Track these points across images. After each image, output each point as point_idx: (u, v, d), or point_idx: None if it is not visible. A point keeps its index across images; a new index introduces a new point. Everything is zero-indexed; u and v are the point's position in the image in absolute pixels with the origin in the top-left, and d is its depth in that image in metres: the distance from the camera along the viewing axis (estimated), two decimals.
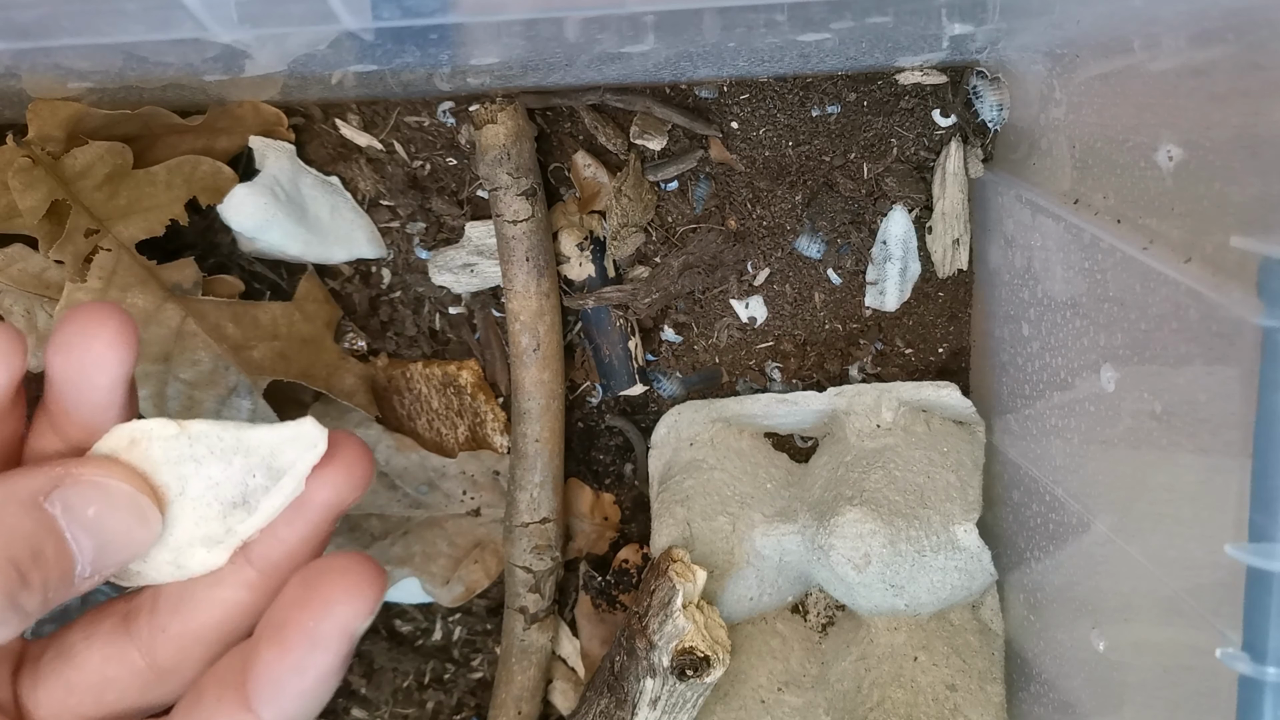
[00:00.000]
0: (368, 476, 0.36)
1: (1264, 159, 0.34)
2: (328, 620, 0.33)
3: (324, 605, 0.33)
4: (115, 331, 0.34)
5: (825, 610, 0.63)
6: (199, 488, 0.33)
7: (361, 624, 0.33)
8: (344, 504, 0.36)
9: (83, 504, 0.32)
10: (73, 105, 0.53)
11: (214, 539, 0.34)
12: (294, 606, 0.33)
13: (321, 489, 0.35)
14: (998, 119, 0.58)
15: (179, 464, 0.33)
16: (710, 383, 0.64)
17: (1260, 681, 0.34)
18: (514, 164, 0.56)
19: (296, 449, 0.33)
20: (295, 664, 0.33)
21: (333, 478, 0.35)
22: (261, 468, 0.33)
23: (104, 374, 0.34)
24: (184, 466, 0.33)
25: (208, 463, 0.33)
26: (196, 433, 0.33)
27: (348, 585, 0.33)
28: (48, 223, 0.53)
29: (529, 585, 0.60)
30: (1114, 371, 0.45)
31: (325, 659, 0.33)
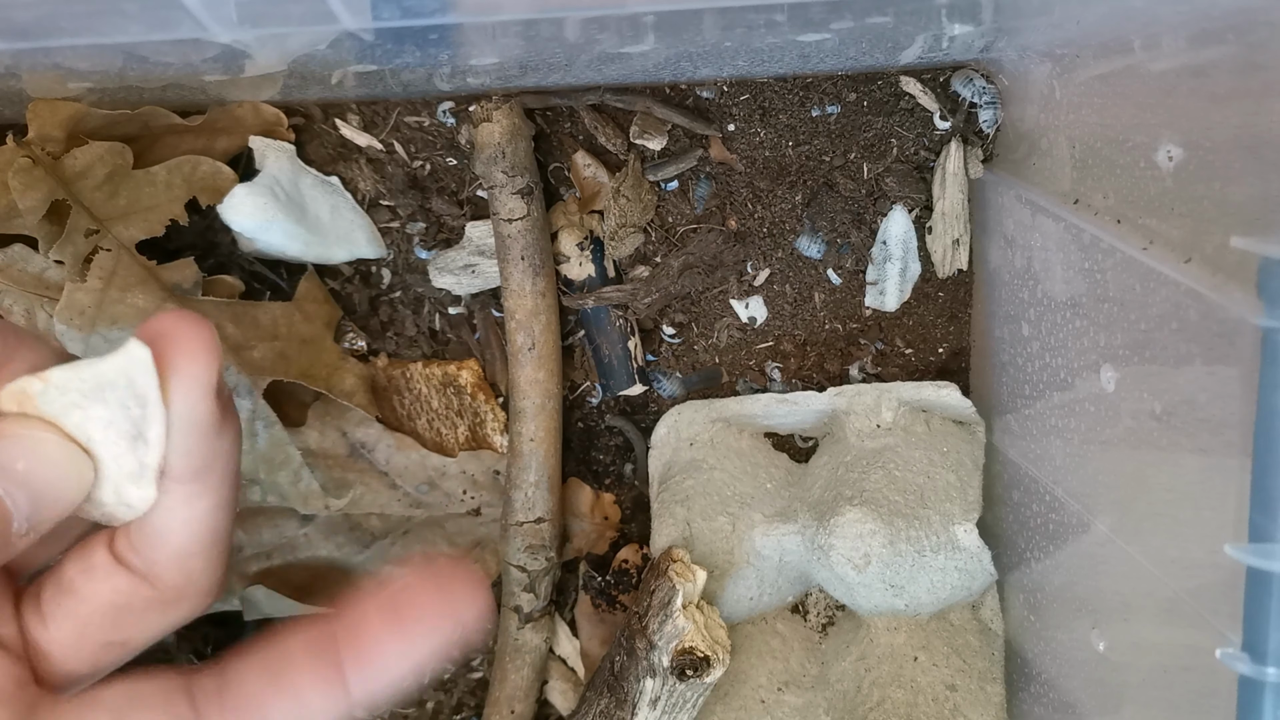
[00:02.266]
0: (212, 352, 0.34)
1: (1264, 159, 0.34)
2: (447, 612, 0.33)
3: (447, 598, 0.33)
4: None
5: (825, 610, 0.63)
6: (99, 430, 0.33)
7: (472, 624, 0.34)
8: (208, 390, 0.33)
9: (11, 459, 0.31)
10: (73, 105, 0.53)
11: (135, 475, 0.33)
12: (418, 594, 0.33)
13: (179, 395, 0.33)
14: (993, 121, 0.58)
15: (68, 414, 0.33)
16: (710, 383, 0.64)
17: (1260, 681, 0.34)
18: (509, 162, 0.56)
19: (140, 371, 0.32)
20: (404, 647, 0.33)
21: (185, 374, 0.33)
22: (131, 397, 0.32)
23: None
24: (73, 415, 0.33)
25: (89, 405, 0.33)
26: (60, 381, 0.33)
27: (469, 586, 0.33)
28: (48, 223, 0.53)
29: (523, 585, 0.60)
30: (1114, 371, 0.45)
31: (432, 647, 0.33)
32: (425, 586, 0.33)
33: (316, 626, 0.34)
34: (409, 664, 0.33)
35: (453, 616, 0.33)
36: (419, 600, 0.33)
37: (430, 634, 0.33)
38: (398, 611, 0.33)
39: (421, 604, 0.33)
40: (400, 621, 0.33)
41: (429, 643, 0.33)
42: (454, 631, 0.33)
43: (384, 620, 0.32)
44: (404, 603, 0.33)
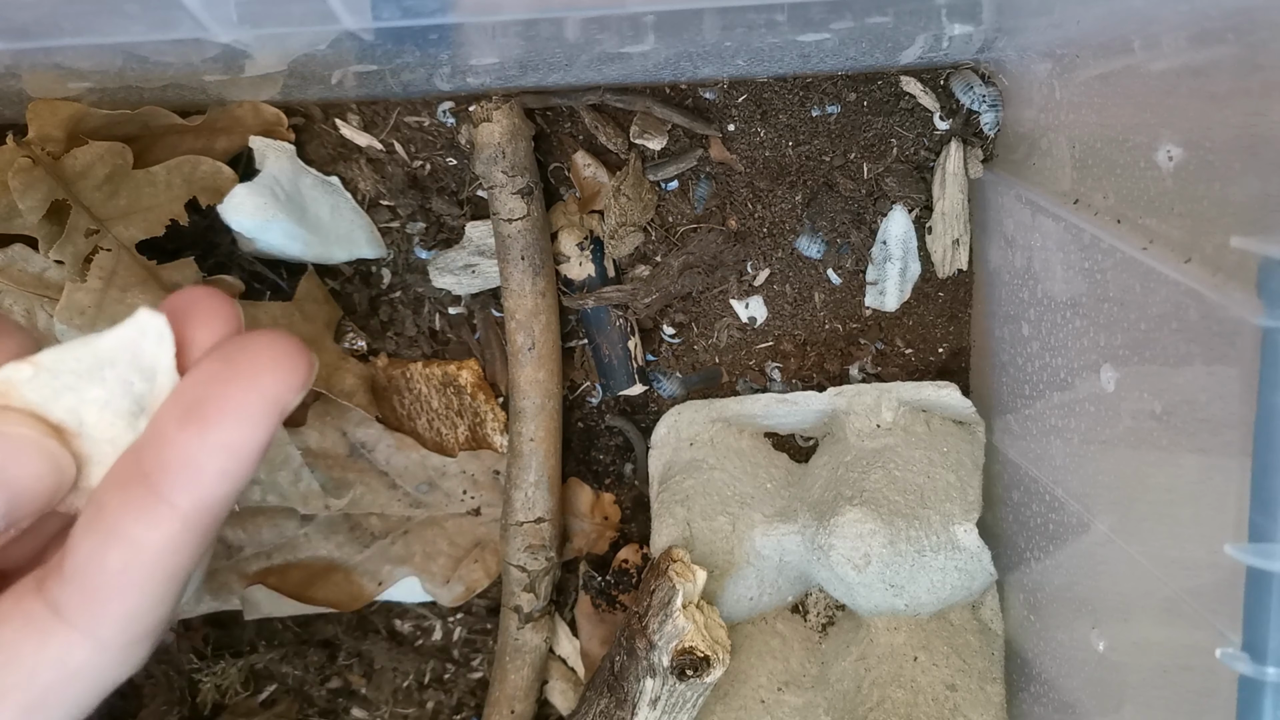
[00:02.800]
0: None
1: (1264, 159, 0.34)
2: (254, 395, 0.29)
3: (252, 378, 0.29)
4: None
5: (825, 610, 0.63)
6: (93, 414, 0.31)
7: (291, 402, 0.30)
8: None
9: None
10: (73, 105, 0.53)
11: None
12: (213, 382, 0.29)
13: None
14: (994, 124, 0.58)
15: (58, 398, 0.31)
16: (710, 383, 0.64)
17: (1260, 681, 0.34)
18: (509, 162, 0.56)
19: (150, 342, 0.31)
20: (218, 441, 0.29)
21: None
22: (134, 371, 0.31)
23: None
24: (64, 399, 0.31)
25: (84, 387, 0.31)
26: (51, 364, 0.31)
27: (276, 355, 0.30)
28: (48, 223, 0.53)
29: (523, 585, 0.60)
30: (1114, 371, 0.45)
31: (252, 434, 0.29)
32: (222, 372, 0.29)
33: (120, 462, 0.31)
34: (226, 461, 0.29)
35: (260, 396, 0.29)
36: (218, 391, 0.29)
37: (239, 424, 0.29)
38: (195, 410, 0.29)
39: (222, 393, 0.29)
40: (202, 419, 0.29)
41: (241, 432, 0.29)
42: (267, 412, 0.29)
43: (181, 424, 0.29)
44: (201, 399, 0.29)
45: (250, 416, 0.29)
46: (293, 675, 0.65)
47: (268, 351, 0.30)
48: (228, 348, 0.30)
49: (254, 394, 0.29)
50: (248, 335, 0.31)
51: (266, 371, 0.29)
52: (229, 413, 0.29)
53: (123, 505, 0.29)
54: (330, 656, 0.65)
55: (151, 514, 0.29)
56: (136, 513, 0.29)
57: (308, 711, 0.65)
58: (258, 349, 0.30)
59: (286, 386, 0.30)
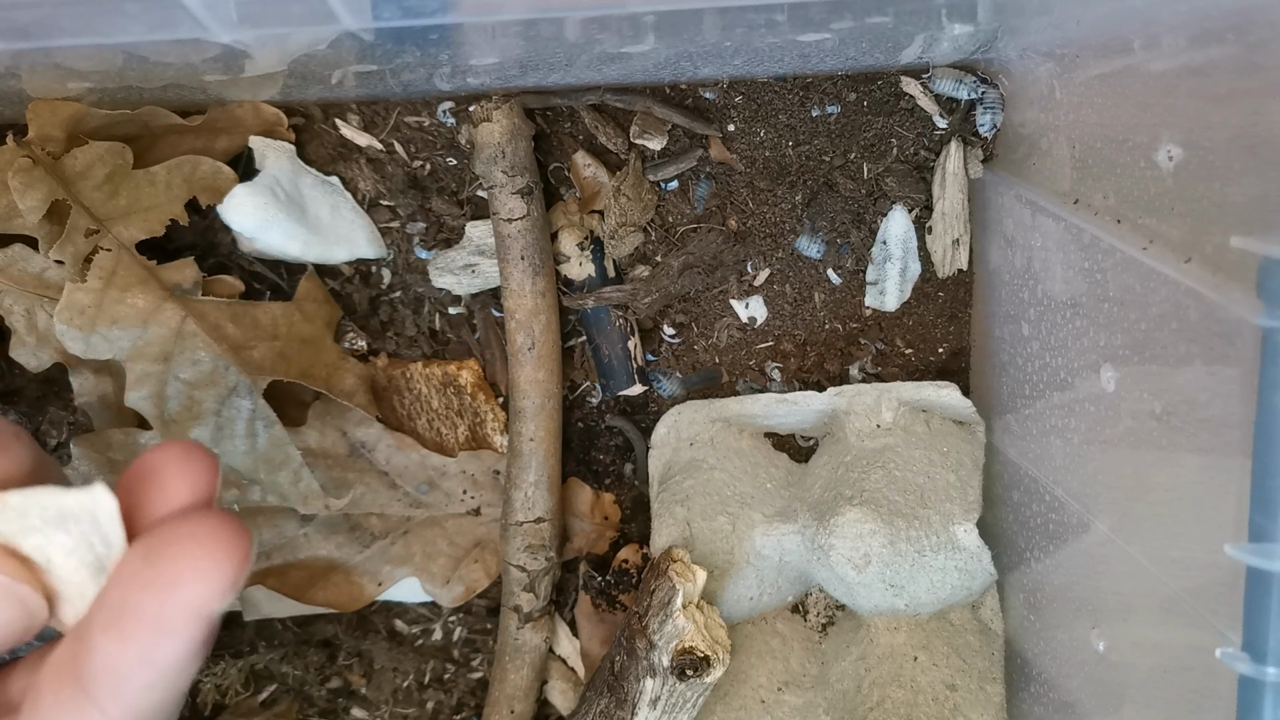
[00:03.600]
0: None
1: (1264, 159, 0.34)
2: (174, 603, 0.27)
3: (170, 586, 0.27)
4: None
5: (825, 610, 0.63)
6: (60, 556, 0.30)
7: (219, 604, 0.28)
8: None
9: None
10: (73, 105, 0.53)
11: None
12: (133, 586, 0.27)
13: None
14: (990, 126, 0.58)
15: (27, 534, 0.30)
16: (710, 383, 0.64)
17: (1260, 681, 0.34)
18: (509, 162, 0.56)
19: (103, 515, 0.30)
20: (139, 655, 0.27)
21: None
22: (94, 533, 0.30)
23: None
24: (32, 537, 0.30)
25: (51, 532, 0.30)
26: (18, 505, 0.30)
27: (199, 557, 0.27)
28: (48, 223, 0.53)
29: (523, 584, 0.60)
30: (1114, 371, 0.45)
31: (174, 647, 0.28)
32: (142, 573, 0.28)
33: (58, 653, 0.30)
34: (149, 672, 0.28)
35: (181, 606, 0.27)
36: (136, 597, 0.27)
37: (158, 635, 0.27)
38: (116, 617, 0.28)
39: (139, 601, 0.27)
40: (120, 628, 0.27)
41: (162, 644, 0.27)
42: (189, 621, 0.27)
43: (104, 630, 0.28)
44: (121, 603, 0.28)
45: (170, 628, 0.27)
46: (293, 675, 0.65)
47: (192, 549, 0.27)
48: (153, 541, 0.28)
49: (173, 603, 0.27)
50: (177, 524, 0.28)
51: (188, 576, 0.27)
52: (147, 624, 0.27)
53: (55, 702, 0.29)
54: (330, 656, 0.65)
55: (80, 717, 0.28)
56: (67, 714, 0.28)
57: (308, 711, 0.65)
58: (182, 545, 0.28)
59: (210, 591, 0.27)
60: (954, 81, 0.58)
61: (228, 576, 0.28)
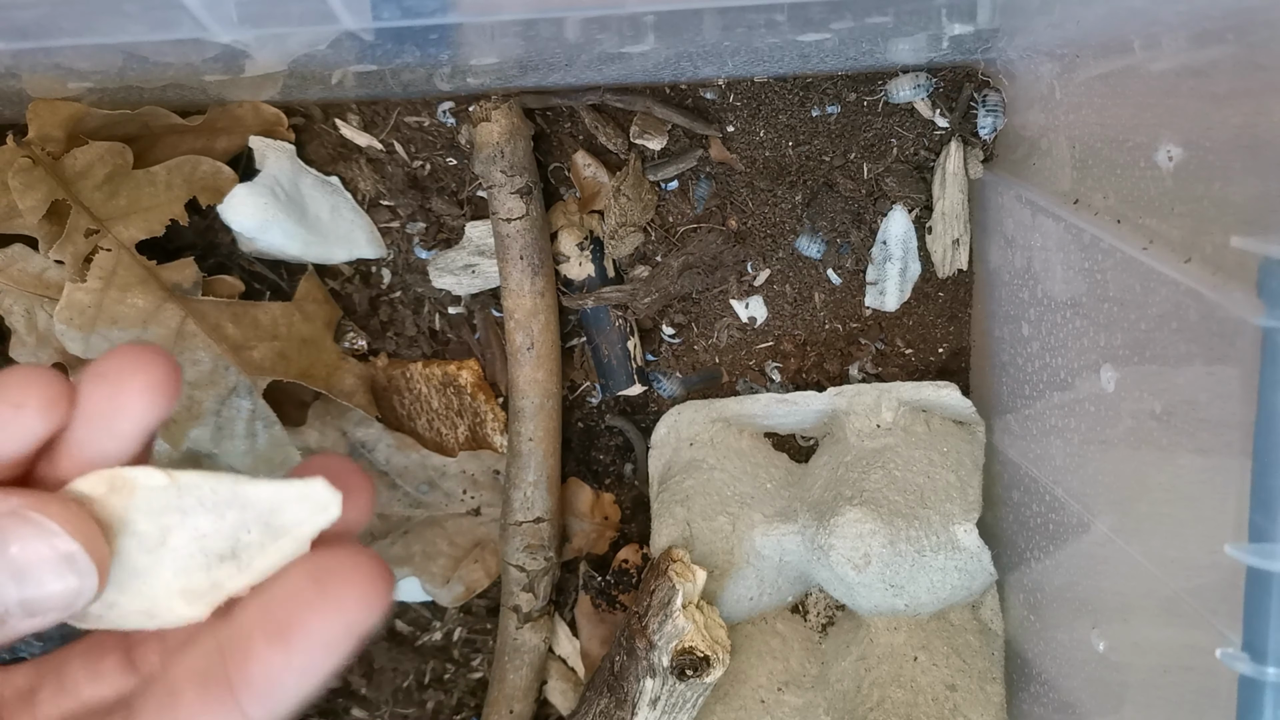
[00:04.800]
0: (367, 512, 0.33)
1: (1264, 159, 0.34)
2: (339, 623, 0.30)
3: (336, 607, 0.30)
4: (155, 380, 0.31)
5: (825, 610, 0.63)
6: (183, 539, 0.31)
7: (371, 626, 0.31)
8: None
9: (6, 543, 0.29)
10: (73, 105, 0.53)
11: (196, 593, 0.32)
12: (300, 605, 0.31)
13: None
14: (991, 129, 0.58)
15: (162, 514, 0.31)
16: (710, 383, 0.64)
17: (1260, 681, 0.34)
18: (508, 162, 0.56)
19: (303, 510, 0.31)
20: (299, 666, 0.30)
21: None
22: (258, 524, 0.31)
23: (128, 421, 0.32)
24: (167, 517, 0.31)
25: (196, 514, 0.31)
26: (187, 484, 0.31)
27: (361, 585, 0.31)
28: (48, 223, 0.53)
29: (522, 584, 0.60)
30: (1114, 371, 0.45)
31: (330, 661, 0.31)
32: (310, 594, 0.31)
33: (201, 646, 0.32)
34: (303, 682, 0.31)
35: (344, 626, 0.30)
36: (305, 615, 0.30)
37: (320, 650, 0.30)
38: (283, 630, 0.30)
39: (308, 619, 0.30)
40: (287, 641, 0.30)
41: (321, 658, 0.30)
42: (347, 639, 0.31)
43: (269, 641, 0.30)
44: (289, 619, 0.30)
45: (332, 643, 0.30)
46: None
47: (355, 577, 0.31)
48: (318, 566, 0.31)
49: (339, 623, 0.30)
50: (338, 555, 0.32)
51: (353, 600, 0.31)
52: (313, 638, 0.30)
53: (201, 704, 0.31)
54: None
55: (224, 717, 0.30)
56: (214, 716, 0.31)
57: (307, 711, 0.65)
58: (347, 573, 0.31)
59: (368, 615, 0.31)
60: (911, 87, 0.58)
61: (382, 603, 0.31)
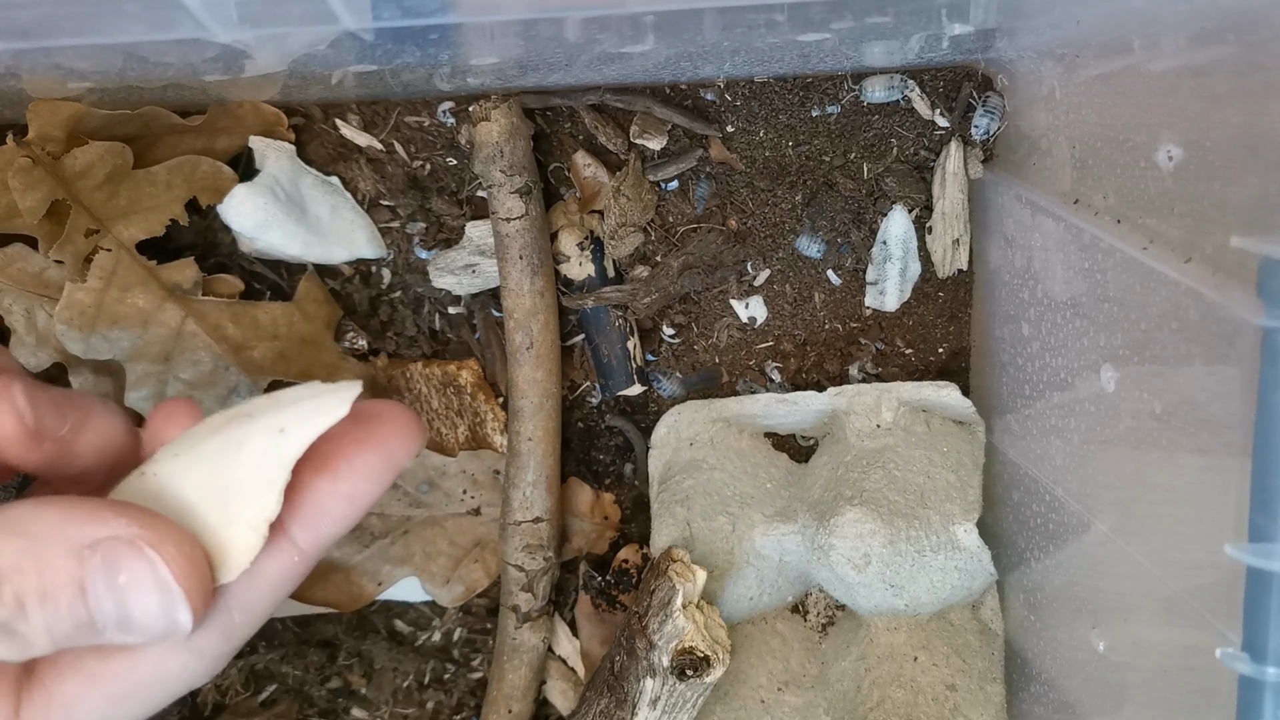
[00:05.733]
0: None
1: (1264, 159, 0.34)
2: (380, 455, 0.34)
3: (379, 441, 0.34)
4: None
5: (825, 610, 0.63)
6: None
7: (408, 462, 0.35)
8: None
9: (116, 569, 0.30)
10: (73, 105, 0.53)
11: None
12: (346, 440, 0.33)
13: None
14: (985, 130, 0.58)
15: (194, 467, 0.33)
16: (710, 383, 0.64)
17: (1260, 681, 0.34)
18: (507, 161, 0.56)
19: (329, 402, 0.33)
20: (345, 492, 0.33)
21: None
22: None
23: None
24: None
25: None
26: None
27: (399, 424, 0.34)
28: (48, 223, 0.53)
29: (521, 584, 0.60)
30: (1114, 371, 0.45)
31: (373, 490, 0.34)
32: (354, 430, 0.33)
33: None
34: (348, 510, 0.34)
35: (385, 458, 0.34)
36: (350, 448, 0.33)
37: (364, 478, 0.34)
38: (330, 462, 0.33)
39: (353, 451, 0.33)
40: (334, 471, 0.33)
41: (365, 485, 0.34)
42: (388, 471, 0.34)
43: (317, 472, 0.33)
44: (335, 452, 0.33)
45: (374, 474, 0.34)
46: (293, 675, 0.65)
47: (394, 420, 0.34)
48: (361, 411, 0.34)
49: (380, 455, 0.34)
50: (377, 402, 0.35)
51: (392, 436, 0.34)
52: (358, 469, 0.34)
53: None
54: (330, 656, 0.65)
55: (275, 546, 0.33)
56: (265, 545, 0.33)
57: (308, 711, 0.65)
58: (386, 417, 0.34)
59: (406, 453, 0.34)
60: (885, 89, 0.58)
61: (417, 442, 0.35)
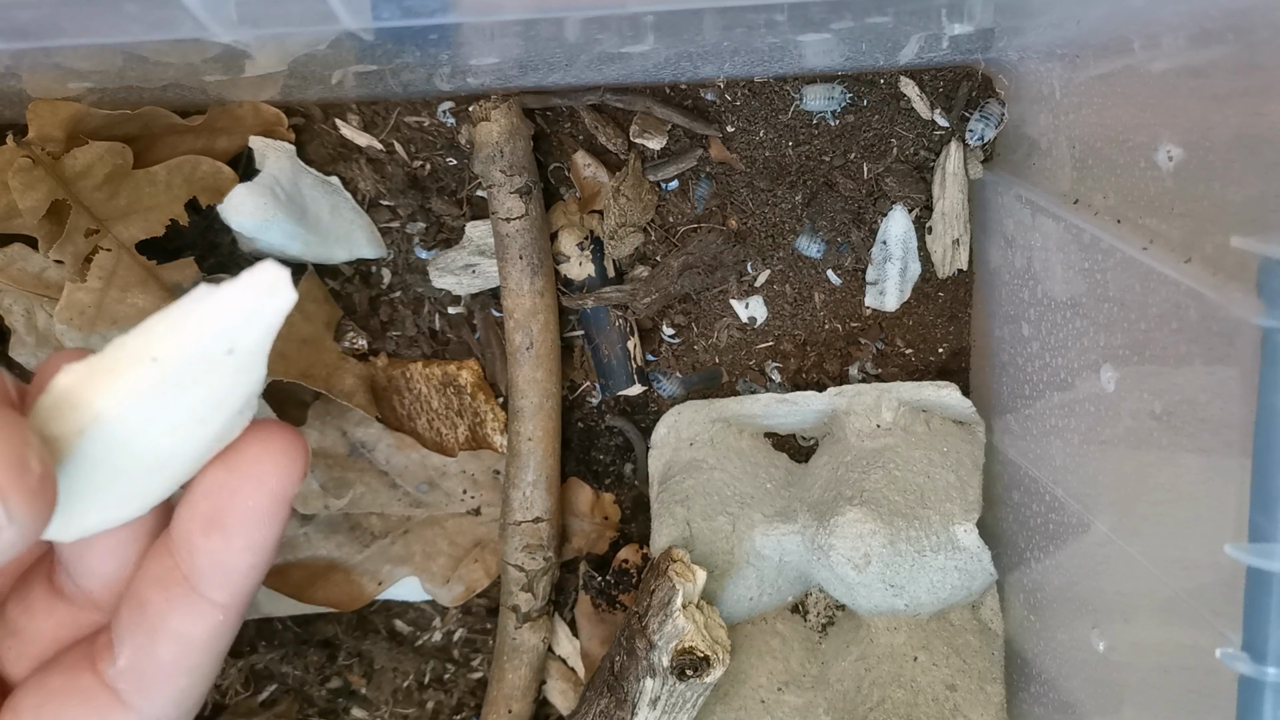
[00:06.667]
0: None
1: (1264, 159, 0.34)
2: (265, 494, 0.32)
3: (258, 481, 0.32)
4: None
5: (825, 610, 0.63)
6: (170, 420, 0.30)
7: (295, 489, 0.33)
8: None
9: None
10: (73, 105, 0.53)
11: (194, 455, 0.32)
12: (224, 492, 0.32)
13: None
14: (979, 136, 0.58)
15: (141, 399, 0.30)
16: (710, 383, 0.64)
17: (1260, 681, 0.34)
18: (507, 161, 0.56)
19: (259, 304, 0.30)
20: (242, 545, 0.32)
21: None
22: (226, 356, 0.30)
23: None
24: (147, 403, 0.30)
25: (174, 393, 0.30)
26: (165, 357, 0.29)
27: (275, 453, 0.32)
28: (48, 223, 0.53)
29: (521, 584, 0.60)
30: (1114, 371, 0.45)
31: (270, 532, 0.32)
32: (228, 479, 0.32)
33: (153, 556, 0.33)
34: (251, 558, 0.32)
35: (269, 496, 0.32)
36: (229, 500, 0.32)
37: (255, 525, 0.32)
38: (215, 518, 0.32)
39: (234, 502, 0.32)
40: (222, 526, 0.32)
41: (259, 531, 0.32)
42: (278, 506, 0.32)
43: (205, 532, 0.32)
44: (218, 507, 0.32)
45: (263, 516, 0.32)
46: (293, 675, 0.65)
47: (267, 450, 0.32)
48: (229, 456, 0.32)
49: (262, 496, 0.32)
50: (245, 437, 0.32)
51: (269, 473, 0.32)
52: (246, 518, 0.32)
53: (167, 603, 0.33)
54: (330, 656, 0.65)
55: (195, 610, 0.32)
56: (182, 611, 0.32)
57: (308, 711, 0.65)
58: (258, 450, 0.32)
59: (289, 480, 0.32)
60: (824, 98, 0.58)
61: (299, 464, 0.33)
